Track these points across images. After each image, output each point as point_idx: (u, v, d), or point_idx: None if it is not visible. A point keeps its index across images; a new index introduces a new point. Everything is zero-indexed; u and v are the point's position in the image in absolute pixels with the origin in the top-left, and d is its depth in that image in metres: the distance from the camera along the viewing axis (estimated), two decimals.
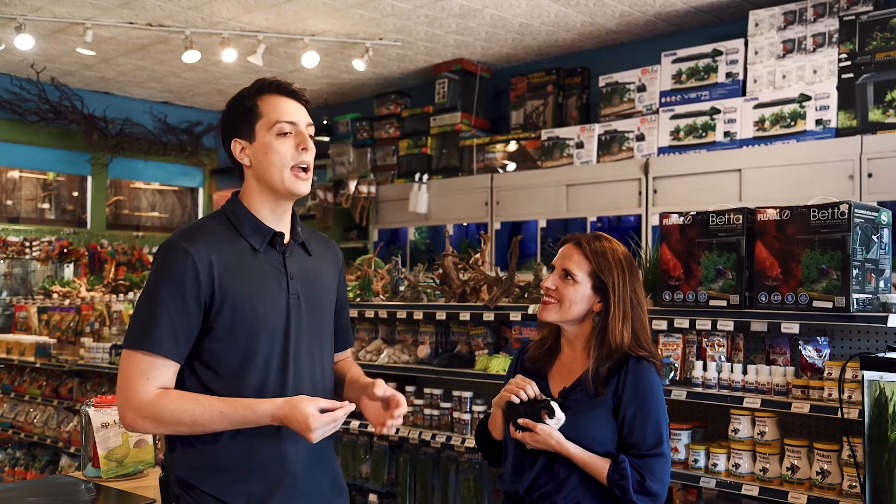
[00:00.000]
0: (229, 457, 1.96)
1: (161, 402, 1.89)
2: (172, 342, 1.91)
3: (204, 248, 1.95)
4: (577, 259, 2.31)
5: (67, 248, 8.23)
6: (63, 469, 6.07)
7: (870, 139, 4.80)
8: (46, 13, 6.16)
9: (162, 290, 1.92)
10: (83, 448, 2.93)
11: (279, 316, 2.01)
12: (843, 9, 5.20)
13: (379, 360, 4.37)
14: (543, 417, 2.21)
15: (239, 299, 1.96)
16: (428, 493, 4.21)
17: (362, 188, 7.40)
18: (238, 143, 2.06)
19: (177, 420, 1.89)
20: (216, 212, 2.12)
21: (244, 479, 1.97)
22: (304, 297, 2.07)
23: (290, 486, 2.00)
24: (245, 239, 2.03)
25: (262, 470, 1.98)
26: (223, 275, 1.95)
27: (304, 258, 2.13)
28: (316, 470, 2.07)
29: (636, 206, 5.74)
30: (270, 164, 2.03)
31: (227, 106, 2.12)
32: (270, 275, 2.03)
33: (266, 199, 2.07)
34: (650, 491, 2.16)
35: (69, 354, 6.16)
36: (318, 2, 5.89)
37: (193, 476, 1.97)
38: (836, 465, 2.85)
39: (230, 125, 2.08)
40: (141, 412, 1.90)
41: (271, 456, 1.98)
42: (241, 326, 1.96)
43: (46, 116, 8.14)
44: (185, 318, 1.92)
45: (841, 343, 3.10)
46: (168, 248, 1.97)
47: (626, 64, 6.27)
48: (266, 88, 2.07)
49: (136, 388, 1.89)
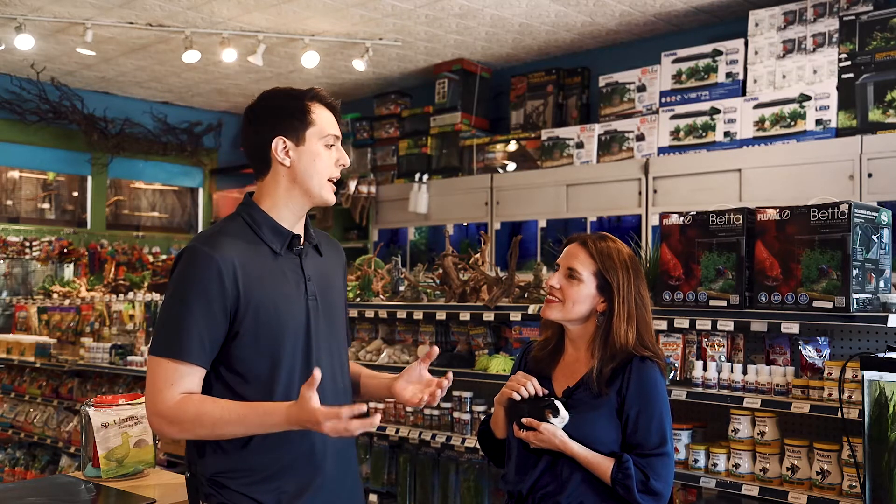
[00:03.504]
0: (260, 459, 1.99)
1: (183, 407, 1.91)
2: (199, 349, 1.93)
3: (228, 253, 1.97)
4: (582, 258, 2.31)
5: (67, 248, 8.23)
6: (63, 469, 6.07)
7: (870, 139, 4.80)
8: (46, 13, 6.16)
9: (189, 297, 1.94)
10: (83, 448, 2.93)
11: (300, 318, 2.04)
12: (843, 9, 5.20)
13: (379, 360, 4.37)
14: (547, 416, 2.21)
15: (263, 304, 1.98)
16: (428, 493, 4.21)
17: (362, 188, 7.40)
18: (283, 141, 2.06)
19: (198, 422, 1.90)
20: (233, 215, 2.12)
21: (275, 478, 1.99)
22: (321, 298, 2.10)
23: (319, 484, 2.03)
24: (265, 243, 2.05)
25: (293, 468, 2.00)
26: (247, 280, 1.97)
27: (317, 259, 2.16)
28: (342, 468, 2.11)
29: (636, 206, 5.74)
30: (315, 171, 2.07)
31: (268, 100, 2.11)
32: (290, 278, 2.06)
33: (293, 202, 2.09)
34: (654, 490, 2.16)
35: (69, 354, 6.16)
36: (318, 2, 5.89)
37: (224, 475, 1.99)
38: (836, 465, 2.85)
39: (275, 122, 2.07)
40: (165, 417, 1.92)
41: (301, 455, 2.01)
42: (266, 330, 1.98)
43: (46, 116, 8.14)
44: (213, 325, 1.94)
45: (841, 343, 3.10)
46: (192, 254, 1.97)
47: (626, 64, 6.27)
48: (318, 98, 2.11)
49: (163, 395, 1.92)
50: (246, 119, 2.13)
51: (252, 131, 2.10)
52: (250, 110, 2.12)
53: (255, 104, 2.12)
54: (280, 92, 2.12)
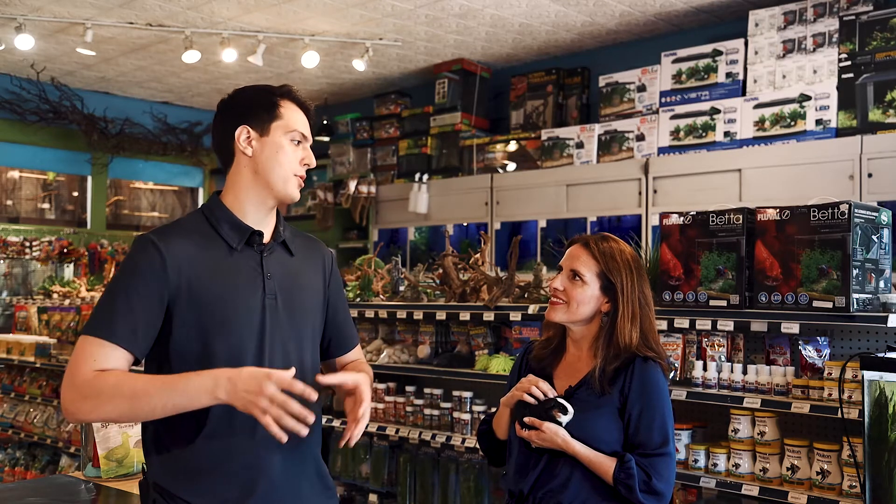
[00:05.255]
0: (203, 461, 1.94)
1: (102, 378, 1.83)
2: (128, 331, 1.88)
3: (175, 246, 1.94)
4: (585, 260, 2.31)
5: (67, 248, 8.22)
6: (63, 469, 6.07)
7: (870, 139, 4.80)
8: (46, 13, 6.16)
9: (126, 282, 1.91)
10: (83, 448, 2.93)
11: (253, 316, 1.98)
12: (843, 9, 5.20)
13: (379, 360, 4.37)
14: (557, 416, 2.20)
15: (206, 298, 1.94)
16: (428, 493, 4.21)
17: (362, 188, 7.40)
18: (247, 130, 2.03)
19: (116, 393, 1.82)
20: (195, 210, 2.11)
21: (219, 484, 1.94)
22: (283, 297, 2.04)
23: (265, 491, 1.97)
24: (222, 238, 2.01)
25: (236, 474, 1.95)
26: (193, 274, 1.93)
27: (284, 258, 2.10)
28: (294, 473, 2.03)
29: (636, 206, 5.74)
30: (277, 164, 2.03)
31: (239, 92, 2.09)
32: (246, 274, 2.01)
33: (256, 195, 2.05)
34: (656, 490, 2.16)
35: (69, 354, 6.16)
36: (318, 2, 5.89)
37: (169, 481, 1.95)
38: (836, 465, 2.85)
39: (240, 111, 2.05)
40: (80, 391, 1.84)
41: (245, 460, 1.96)
42: (212, 327, 1.94)
43: (46, 116, 8.14)
44: (145, 310, 1.89)
45: (841, 343, 3.10)
46: (139, 243, 1.97)
47: (626, 64, 6.27)
48: (289, 95, 2.08)
49: (81, 370, 1.85)
50: (216, 111, 2.12)
51: (219, 121, 2.09)
52: (221, 103, 2.11)
53: (227, 97, 2.11)
54: (253, 87, 2.11)
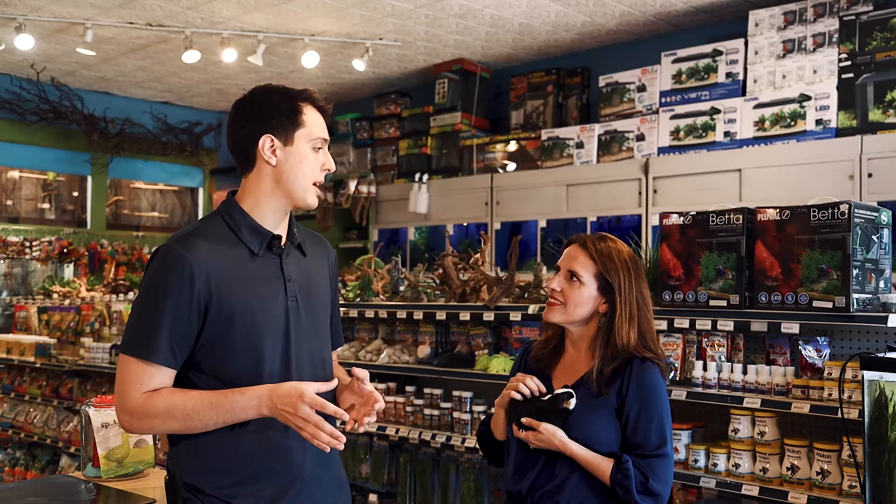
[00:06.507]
0: (235, 459, 1.95)
1: (152, 402, 1.90)
2: (168, 351, 1.91)
3: (202, 255, 1.93)
4: (582, 260, 2.30)
5: (67, 248, 8.23)
6: (63, 469, 6.07)
7: (870, 139, 4.80)
8: (46, 13, 6.16)
9: (160, 297, 1.91)
10: (83, 448, 2.93)
11: (278, 320, 2.00)
12: (843, 9, 5.20)
13: (379, 360, 4.37)
14: (568, 406, 2.20)
15: (238, 306, 1.95)
16: (428, 493, 4.21)
17: (362, 188, 7.40)
18: (270, 139, 2.01)
19: (169, 415, 1.89)
20: (212, 214, 2.09)
21: (252, 482, 1.96)
22: (302, 298, 2.06)
23: (298, 489, 2.00)
24: (243, 243, 2.01)
25: (270, 472, 1.97)
26: (221, 282, 1.94)
27: (299, 259, 2.12)
28: (322, 471, 2.06)
29: (636, 206, 5.74)
30: (301, 174, 2.03)
31: (260, 96, 2.05)
32: (269, 279, 2.02)
33: (276, 201, 2.05)
34: (653, 491, 2.16)
35: (69, 354, 6.16)
36: (318, 2, 5.89)
37: (201, 479, 1.96)
38: (836, 465, 2.85)
39: (265, 120, 2.02)
40: (135, 415, 1.92)
41: (278, 458, 1.98)
42: (242, 334, 1.95)
43: (46, 116, 8.14)
44: (183, 326, 1.91)
45: (841, 343, 3.10)
46: (166, 254, 1.94)
47: (626, 64, 6.27)
48: (311, 100, 2.07)
49: (132, 394, 1.91)
50: (234, 112, 2.07)
51: (239, 126, 2.05)
52: (240, 104, 2.07)
53: (246, 99, 2.07)
54: (273, 89, 2.06)
